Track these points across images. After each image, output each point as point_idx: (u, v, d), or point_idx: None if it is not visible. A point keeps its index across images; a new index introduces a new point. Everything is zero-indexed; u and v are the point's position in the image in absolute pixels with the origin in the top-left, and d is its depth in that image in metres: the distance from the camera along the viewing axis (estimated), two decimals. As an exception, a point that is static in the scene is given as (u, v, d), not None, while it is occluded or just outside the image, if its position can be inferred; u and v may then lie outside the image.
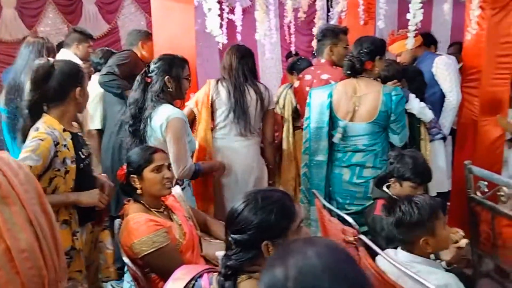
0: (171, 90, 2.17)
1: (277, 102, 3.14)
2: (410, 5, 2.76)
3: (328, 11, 4.74)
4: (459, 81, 3.01)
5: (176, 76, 2.18)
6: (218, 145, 2.66)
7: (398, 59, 3.21)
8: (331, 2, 4.53)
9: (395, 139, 2.40)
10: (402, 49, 3.11)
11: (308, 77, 2.81)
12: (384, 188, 2.19)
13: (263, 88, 2.66)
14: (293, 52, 5.00)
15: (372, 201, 2.22)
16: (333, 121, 2.41)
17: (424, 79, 2.88)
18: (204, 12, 2.58)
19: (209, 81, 2.69)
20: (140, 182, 1.76)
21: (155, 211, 1.77)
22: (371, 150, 2.38)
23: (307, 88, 2.64)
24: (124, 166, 1.82)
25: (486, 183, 2.20)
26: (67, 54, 3.04)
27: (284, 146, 3.11)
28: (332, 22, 4.35)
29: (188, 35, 2.82)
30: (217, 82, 2.64)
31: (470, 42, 2.95)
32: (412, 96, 2.66)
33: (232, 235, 1.19)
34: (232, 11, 4.71)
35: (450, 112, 2.93)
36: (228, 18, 4.64)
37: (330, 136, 2.42)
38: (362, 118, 2.36)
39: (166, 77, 2.15)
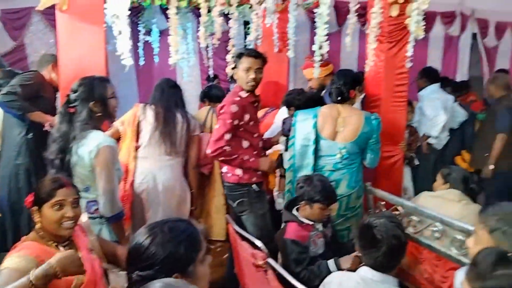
0: (99, 114, 2.09)
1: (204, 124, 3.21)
2: (315, 37, 2.95)
3: (245, 37, 4.83)
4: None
5: (100, 99, 2.09)
6: (140, 164, 2.68)
7: (309, 84, 3.38)
8: (248, 29, 4.60)
9: (371, 160, 2.63)
10: (312, 75, 3.29)
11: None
12: (294, 211, 2.25)
13: (190, 115, 2.84)
14: (211, 76, 5.04)
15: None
16: (316, 140, 2.61)
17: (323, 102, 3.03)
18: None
19: (137, 104, 2.79)
20: (40, 216, 1.60)
21: (56, 245, 1.63)
22: (349, 169, 2.58)
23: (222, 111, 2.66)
24: (30, 194, 1.66)
25: (383, 203, 2.35)
26: None
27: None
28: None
29: (98, 56, 2.72)
30: (145, 105, 2.75)
31: (370, 73, 3.15)
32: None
33: (138, 272, 1.13)
34: (148, 33, 4.70)
35: None
36: (144, 40, 4.63)
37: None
38: (345, 138, 2.57)
39: (91, 103, 2.05)
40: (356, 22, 3.40)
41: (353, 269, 1.81)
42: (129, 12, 2.56)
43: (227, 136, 2.47)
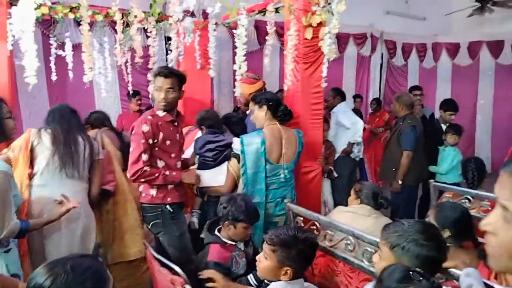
0: None
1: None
2: (236, 57, 3.01)
3: (167, 53, 4.77)
4: None
5: None
6: (36, 193, 2.41)
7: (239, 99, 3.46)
8: (169, 44, 4.57)
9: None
10: (244, 90, 3.39)
11: None
12: (216, 232, 2.23)
13: (92, 138, 2.68)
14: (131, 92, 4.89)
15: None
16: (266, 165, 2.74)
17: (243, 122, 3.18)
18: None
19: (29, 129, 2.53)
20: None
21: None
22: (290, 185, 2.83)
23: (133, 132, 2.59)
24: None
25: (302, 218, 2.43)
26: None
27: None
28: (170, 65, 4.38)
29: (0, 73, 2.53)
30: (39, 130, 2.49)
31: (288, 91, 3.28)
32: (235, 138, 2.95)
33: None
34: (61, 46, 4.43)
35: None
36: (56, 54, 4.35)
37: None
38: (288, 159, 2.79)
39: None
40: (275, 42, 3.53)
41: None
42: (40, 24, 2.43)
43: (144, 157, 2.43)
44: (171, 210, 2.56)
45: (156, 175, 2.47)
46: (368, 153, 5.94)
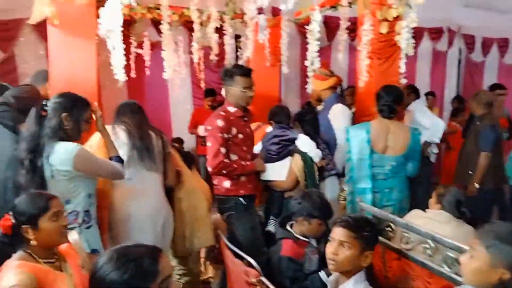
0: (67, 128, 2.09)
1: None
2: (307, 53, 2.99)
3: (237, 51, 4.87)
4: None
5: (75, 116, 2.12)
6: (120, 186, 2.49)
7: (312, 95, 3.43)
8: (239, 42, 4.65)
9: (413, 169, 2.87)
10: (316, 87, 3.37)
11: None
12: (288, 227, 2.24)
13: (162, 133, 2.71)
14: (205, 90, 5.05)
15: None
16: (371, 153, 2.82)
17: (317, 120, 3.10)
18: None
19: None
20: (35, 233, 1.57)
21: (45, 261, 1.60)
22: (397, 177, 2.83)
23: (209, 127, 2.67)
24: (8, 216, 1.59)
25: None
26: None
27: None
28: (240, 62, 4.47)
29: (89, 69, 2.73)
30: (113, 128, 2.55)
31: (362, 88, 3.20)
32: (302, 135, 2.93)
33: None
34: (140, 45, 4.68)
35: (339, 155, 3.15)
36: (136, 53, 4.61)
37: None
38: (395, 151, 2.80)
39: (64, 114, 2.07)
40: (347, 38, 3.47)
41: None
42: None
43: (223, 150, 2.54)
44: (244, 202, 2.63)
45: (235, 166, 2.58)
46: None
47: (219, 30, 3.91)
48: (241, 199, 2.63)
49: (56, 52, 2.68)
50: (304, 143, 2.92)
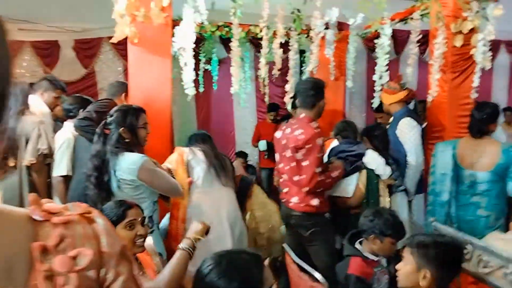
0: (128, 140, 2.20)
1: None
2: (376, 67, 2.95)
3: (301, 66, 4.91)
4: (421, 143, 3.07)
5: (130, 126, 2.21)
6: (197, 199, 2.65)
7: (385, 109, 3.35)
8: (303, 57, 4.69)
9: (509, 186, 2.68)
10: (385, 100, 3.27)
11: (288, 130, 2.71)
12: (357, 245, 2.19)
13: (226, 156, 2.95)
14: (267, 103, 5.13)
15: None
16: (456, 169, 2.77)
17: (386, 136, 3.00)
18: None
19: (179, 147, 2.81)
20: None
21: None
22: (485, 194, 2.70)
23: (284, 141, 2.65)
24: None
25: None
26: (35, 100, 2.96)
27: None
28: (304, 77, 4.53)
29: (164, 85, 2.84)
30: (190, 148, 2.77)
31: (433, 103, 3.10)
32: (370, 151, 2.83)
33: None
34: (208, 61, 4.88)
35: (410, 172, 3.02)
36: (204, 68, 4.82)
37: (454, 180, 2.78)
38: (482, 168, 2.69)
39: (121, 129, 2.18)
40: (417, 52, 3.38)
41: None
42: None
43: (319, 169, 2.50)
44: (329, 218, 2.66)
45: (329, 180, 2.57)
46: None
47: (283, 45, 3.93)
48: (326, 215, 2.65)
49: (135, 68, 2.83)
50: (372, 159, 2.84)
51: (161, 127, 2.60)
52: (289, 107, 3.12)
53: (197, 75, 4.70)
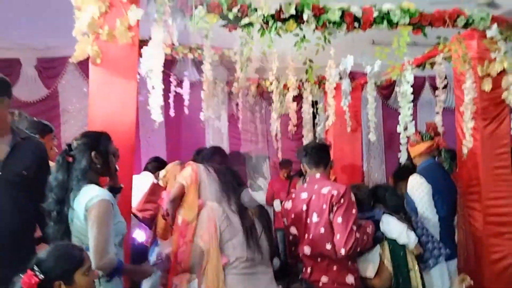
0: (98, 166, 2.15)
1: None
2: (400, 117, 2.97)
3: (314, 117, 4.93)
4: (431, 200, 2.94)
5: (103, 151, 2.17)
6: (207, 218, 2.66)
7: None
8: (316, 109, 4.76)
9: None
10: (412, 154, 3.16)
11: (304, 195, 2.63)
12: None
13: None
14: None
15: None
16: None
17: (397, 195, 2.79)
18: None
19: (192, 163, 2.86)
20: None
21: None
22: None
23: (305, 207, 2.57)
24: (32, 272, 1.56)
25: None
26: None
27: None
28: (319, 128, 4.65)
29: (129, 109, 2.75)
30: (203, 165, 2.82)
31: (467, 154, 2.95)
32: (386, 216, 2.55)
33: None
34: (180, 84, 4.88)
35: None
36: (175, 91, 4.82)
37: None
38: None
39: (93, 153, 2.13)
40: (431, 97, 3.38)
41: None
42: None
43: (355, 227, 2.43)
44: None
45: (365, 237, 2.46)
46: None
47: (296, 97, 4.11)
48: None
49: (97, 91, 2.77)
50: (391, 225, 2.52)
51: (123, 155, 2.48)
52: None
53: (168, 98, 4.69)
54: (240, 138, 5.53)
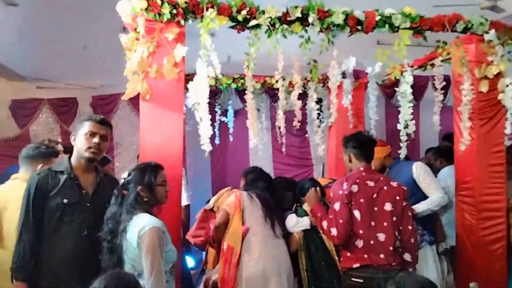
0: (146, 199, 2.13)
1: None
2: (400, 116, 2.87)
3: (318, 115, 4.71)
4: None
5: (148, 184, 2.14)
6: (253, 247, 2.66)
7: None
8: (321, 106, 4.65)
9: None
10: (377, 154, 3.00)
11: (370, 183, 2.52)
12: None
13: None
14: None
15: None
16: None
17: None
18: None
19: (236, 190, 2.91)
20: None
21: None
22: None
23: (375, 195, 2.47)
24: None
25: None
26: None
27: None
28: (323, 125, 4.49)
29: (176, 141, 2.75)
30: (247, 192, 2.85)
31: (462, 152, 2.93)
32: None
33: None
34: (224, 113, 4.86)
35: (431, 205, 3.00)
36: (220, 120, 4.78)
37: None
38: None
39: (139, 187, 2.12)
40: (442, 98, 3.34)
41: None
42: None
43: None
44: None
45: None
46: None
47: (301, 95, 3.84)
48: None
49: (147, 125, 2.75)
50: None
51: (171, 184, 2.41)
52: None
53: (213, 127, 4.67)
54: (285, 163, 5.39)
